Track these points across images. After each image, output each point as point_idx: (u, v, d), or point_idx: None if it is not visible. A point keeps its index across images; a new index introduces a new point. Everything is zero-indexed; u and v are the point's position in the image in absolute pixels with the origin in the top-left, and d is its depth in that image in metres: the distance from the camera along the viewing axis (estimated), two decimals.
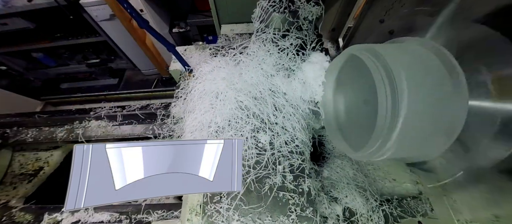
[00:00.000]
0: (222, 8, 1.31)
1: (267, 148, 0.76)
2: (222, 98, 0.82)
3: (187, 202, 0.74)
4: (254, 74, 0.84)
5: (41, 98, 2.54)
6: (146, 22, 0.74)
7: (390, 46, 0.64)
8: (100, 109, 1.20)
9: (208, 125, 0.79)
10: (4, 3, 2.07)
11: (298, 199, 0.70)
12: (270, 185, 0.72)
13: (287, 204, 0.69)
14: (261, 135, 0.77)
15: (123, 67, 3.11)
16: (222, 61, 0.94)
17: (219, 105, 0.81)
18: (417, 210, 0.80)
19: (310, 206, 0.68)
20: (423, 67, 0.54)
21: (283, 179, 0.72)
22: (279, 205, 0.69)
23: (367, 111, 0.75)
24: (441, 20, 0.66)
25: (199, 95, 0.88)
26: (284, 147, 0.76)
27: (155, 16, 2.46)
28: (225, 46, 1.07)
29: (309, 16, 0.80)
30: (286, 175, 0.73)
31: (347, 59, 0.73)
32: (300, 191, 0.71)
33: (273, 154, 0.75)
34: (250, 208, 0.68)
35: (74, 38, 2.53)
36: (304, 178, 0.72)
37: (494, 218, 0.72)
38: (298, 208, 0.68)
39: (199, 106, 0.84)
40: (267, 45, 0.88)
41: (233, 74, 0.86)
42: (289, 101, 0.82)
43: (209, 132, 0.79)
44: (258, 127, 0.78)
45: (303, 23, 0.80)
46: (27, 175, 1.17)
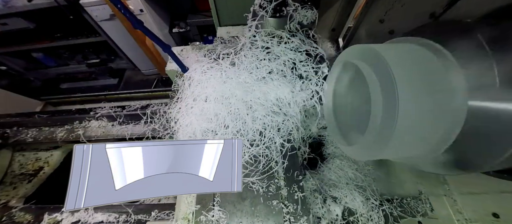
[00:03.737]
0: (222, 9, 1.31)
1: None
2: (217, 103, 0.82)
3: (179, 210, 0.74)
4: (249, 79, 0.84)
5: (41, 98, 2.54)
6: (140, 23, 0.74)
7: (389, 46, 0.64)
8: (100, 109, 1.20)
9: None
10: (4, 3, 2.08)
11: (292, 208, 0.69)
12: (263, 193, 0.72)
13: (281, 212, 0.68)
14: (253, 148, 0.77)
15: (123, 67, 3.11)
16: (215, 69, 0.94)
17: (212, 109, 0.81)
18: (417, 210, 0.80)
19: (304, 215, 0.67)
20: (422, 67, 0.54)
21: (277, 186, 0.72)
22: (273, 214, 0.68)
23: (367, 110, 0.75)
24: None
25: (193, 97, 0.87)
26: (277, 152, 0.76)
27: (155, 16, 2.46)
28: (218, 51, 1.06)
29: (303, 21, 0.80)
30: (280, 180, 0.73)
31: (345, 62, 0.73)
32: (294, 199, 0.70)
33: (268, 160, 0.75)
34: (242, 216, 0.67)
35: (74, 38, 2.53)
36: (298, 184, 0.72)
37: (494, 218, 0.72)
38: (293, 217, 0.67)
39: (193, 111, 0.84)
40: (258, 53, 0.87)
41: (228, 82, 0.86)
42: (282, 109, 0.82)
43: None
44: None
45: (297, 28, 0.79)
46: (27, 175, 1.17)
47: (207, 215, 0.68)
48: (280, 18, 0.70)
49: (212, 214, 0.68)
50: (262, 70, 0.86)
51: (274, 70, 0.86)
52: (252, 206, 0.69)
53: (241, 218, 0.68)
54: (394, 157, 0.69)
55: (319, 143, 1.02)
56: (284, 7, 0.71)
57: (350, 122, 0.81)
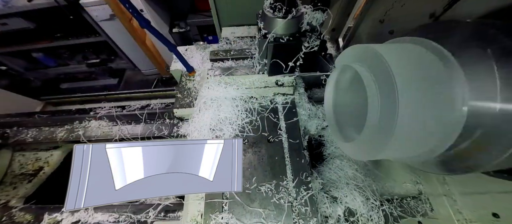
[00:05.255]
0: (223, 10, 1.31)
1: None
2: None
3: (187, 213, 0.74)
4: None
5: (41, 98, 2.54)
6: (147, 22, 0.74)
7: (389, 46, 0.64)
8: (100, 109, 1.20)
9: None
10: (4, 3, 2.08)
11: (302, 209, 0.69)
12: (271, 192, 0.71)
13: (291, 214, 0.68)
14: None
15: (123, 67, 3.11)
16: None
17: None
18: (417, 210, 0.80)
19: (314, 216, 0.67)
20: (422, 67, 0.54)
21: (285, 188, 0.72)
22: (282, 216, 0.68)
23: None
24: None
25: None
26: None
27: (155, 16, 2.46)
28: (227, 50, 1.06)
29: (313, 22, 0.79)
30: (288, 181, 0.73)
31: (342, 68, 0.73)
32: (303, 200, 0.70)
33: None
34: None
35: (74, 38, 2.53)
36: (307, 185, 0.72)
37: (494, 218, 0.72)
38: (302, 219, 0.67)
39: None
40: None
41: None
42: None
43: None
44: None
45: (307, 29, 0.78)
46: (27, 175, 1.17)
47: (216, 218, 0.67)
48: (290, 20, 0.69)
49: (221, 217, 0.68)
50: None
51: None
52: (261, 208, 0.69)
53: (250, 220, 0.68)
54: (394, 157, 0.69)
55: (319, 143, 1.02)
56: (294, 8, 0.70)
57: (350, 122, 0.81)
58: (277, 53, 0.79)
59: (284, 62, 0.83)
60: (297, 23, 0.72)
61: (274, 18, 0.71)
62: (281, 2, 0.69)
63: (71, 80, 3.16)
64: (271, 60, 0.82)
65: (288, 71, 0.85)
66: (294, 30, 0.74)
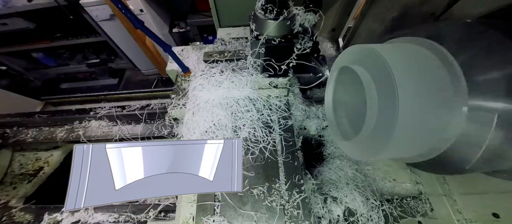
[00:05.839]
0: (223, 10, 1.31)
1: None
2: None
3: (179, 216, 0.74)
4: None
5: (41, 98, 2.53)
6: (141, 23, 0.74)
7: (389, 46, 0.64)
8: (100, 109, 1.20)
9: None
10: (4, 3, 2.08)
11: (294, 212, 0.68)
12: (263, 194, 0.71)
13: (283, 217, 0.68)
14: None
15: (123, 67, 3.10)
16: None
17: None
18: (417, 210, 0.80)
19: (306, 219, 0.67)
20: (422, 67, 0.54)
21: (278, 190, 0.72)
22: (274, 219, 0.68)
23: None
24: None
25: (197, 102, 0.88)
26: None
27: (155, 16, 2.46)
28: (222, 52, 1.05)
29: (305, 23, 0.79)
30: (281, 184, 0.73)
31: (342, 68, 0.73)
32: (296, 203, 0.70)
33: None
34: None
35: (74, 38, 2.53)
36: (299, 188, 0.72)
37: (494, 218, 0.72)
38: (294, 222, 0.67)
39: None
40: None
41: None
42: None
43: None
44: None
45: (299, 30, 0.78)
46: (27, 175, 1.17)
47: (208, 220, 0.67)
48: (282, 21, 0.69)
49: (212, 219, 0.67)
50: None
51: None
52: (253, 211, 0.69)
53: (242, 223, 0.67)
54: (394, 157, 0.69)
55: (319, 143, 1.02)
56: (285, 10, 0.69)
57: (350, 122, 0.81)
58: (269, 54, 0.79)
59: (277, 64, 0.83)
60: (289, 24, 0.72)
61: (265, 19, 0.70)
62: (272, 4, 0.68)
63: (71, 80, 3.16)
64: (263, 62, 0.82)
65: (281, 73, 0.85)
66: (286, 31, 0.74)
